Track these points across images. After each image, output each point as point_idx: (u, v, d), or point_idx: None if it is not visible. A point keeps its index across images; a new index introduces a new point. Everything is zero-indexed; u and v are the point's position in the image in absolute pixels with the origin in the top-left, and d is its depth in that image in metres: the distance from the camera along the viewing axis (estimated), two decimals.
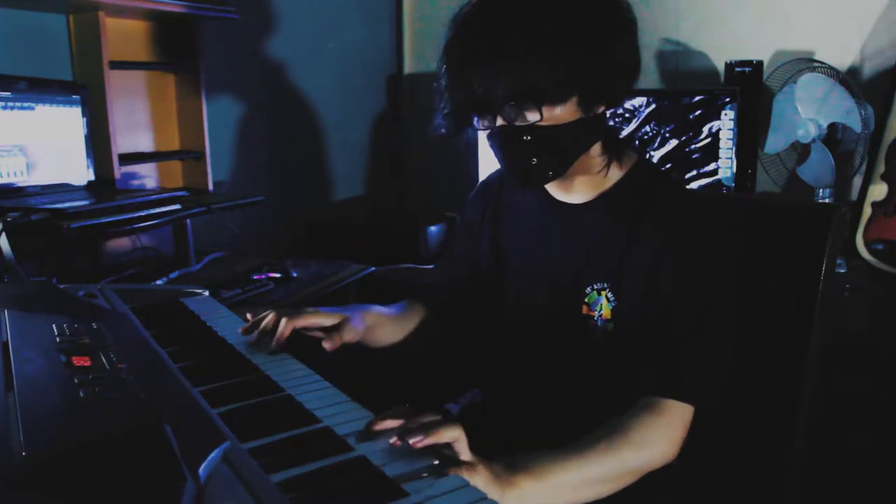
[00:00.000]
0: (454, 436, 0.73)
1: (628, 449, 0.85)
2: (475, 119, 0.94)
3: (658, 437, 0.88)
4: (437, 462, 0.69)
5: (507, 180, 1.08)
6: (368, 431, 0.73)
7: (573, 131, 0.92)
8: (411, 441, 0.70)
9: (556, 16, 0.87)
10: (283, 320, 0.99)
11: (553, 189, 1.05)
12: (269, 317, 1.00)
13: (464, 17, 0.92)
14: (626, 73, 0.94)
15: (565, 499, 0.82)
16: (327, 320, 1.02)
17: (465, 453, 0.74)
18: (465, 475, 0.69)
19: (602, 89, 0.92)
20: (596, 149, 0.99)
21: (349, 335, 1.02)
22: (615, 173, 1.01)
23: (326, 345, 0.98)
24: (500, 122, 0.91)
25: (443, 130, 0.97)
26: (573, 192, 1.03)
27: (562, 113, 0.90)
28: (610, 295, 0.98)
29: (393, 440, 0.71)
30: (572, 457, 0.82)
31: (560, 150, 0.93)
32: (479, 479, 0.72)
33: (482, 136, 0.97)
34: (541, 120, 0.89)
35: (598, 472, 0.83)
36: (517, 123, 0.90)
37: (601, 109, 0.94)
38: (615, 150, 1.01)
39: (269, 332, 0.99)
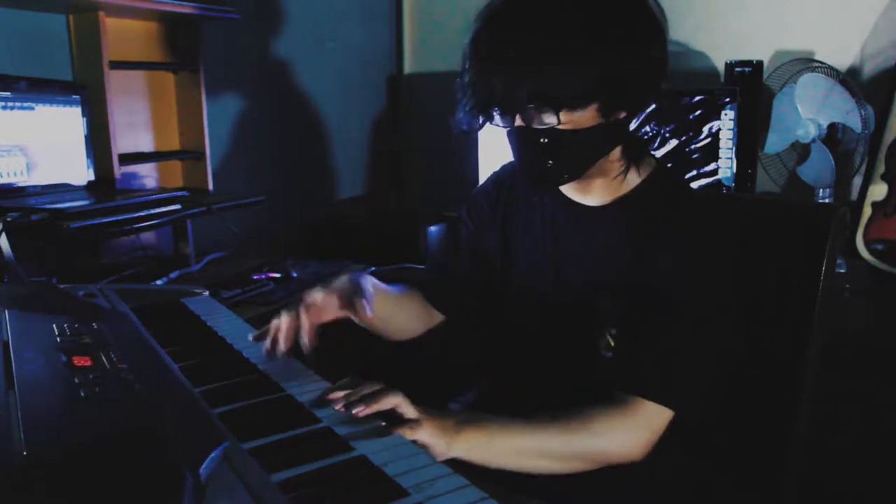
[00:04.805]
0: (395, 402, 0.79)
1: (583, 434, 0.88)
2: (495, 115, 0.93)
3: (620, 432, 0.89)
4: (384, 423, 0.77)
5: (521, 178, 1.07)
6: (322, 400, 0.81)
7: (592, 136, 0.91)
8: (354, 411, 0.77)
9: (582, 22, 0.86)
10: (305, 323, 0.95)
11: (568, 189, 1.04)
12: (283, 321, 0.97)
13: (490, 12, 0.90)
14: (651, 83, 0.93)
15: (507, 461, 0.86)
16: (339, 308, 1.00)
17: (409, 413, 0.80)
18: (409, 433, 0.76)
19: (624, 97, 0.91)
20: (616, 153, 0.98)
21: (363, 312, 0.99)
22: (633, 179, 1.00)
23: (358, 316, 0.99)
24: (518, 122, 0.91)
25: (464, 127, 0.96)
26: (590, 193, 1.02)
27: (581, 118, 0.89)
28: (615, 297, 0.98)
29: (338, 407, 0.78)
30: (525, 426, 0.87)
31: (577, 155, 0.93)
32: (424, 433, 0.78)
33: (482, 137, 0.97)
34: (559, 124, 0.88)
35: (545, 447, 0.87)
36: (535, 125, 0.90)
37: (622, 115, 0.93)
38: (635, 155, 0.99)
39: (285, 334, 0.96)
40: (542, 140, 0.90)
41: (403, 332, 1.14)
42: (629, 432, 0.89)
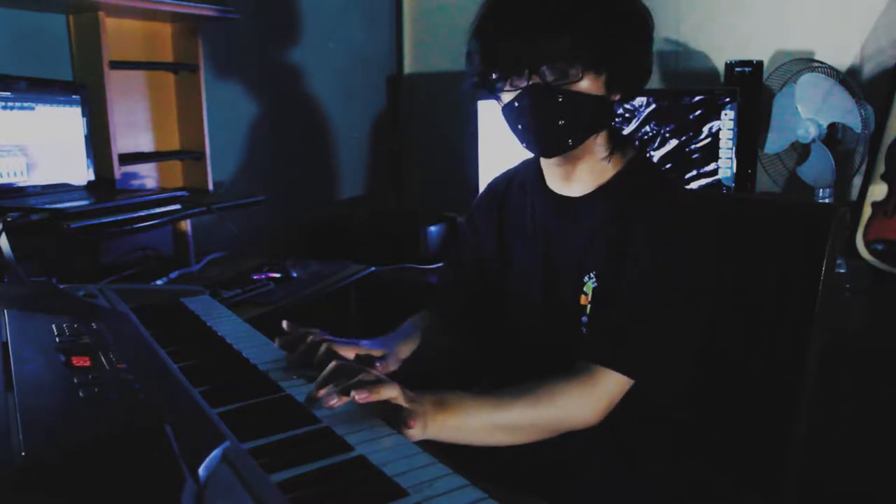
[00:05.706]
0: (393, 395, 0.79)
1: (549, 409, 0.91)
2: (500, 84, 0.98)
3: (581, 403, 0.92)
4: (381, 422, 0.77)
5: (527, 144, 1.05)
6: (314, 398, 0.79)
7: (596, 104, 0.97)
8: (358, 397, 0.76)
9: None
10: (324, 347, 0.97)
11: (554, 183, 1.07)
12: (311, 340, 0.98)
13: None
14: (644, 69, 1.01)
15: (476, 439, 0.88)
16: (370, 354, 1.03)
17: (403, 404, 0.80)
18: (406, 431, 0.77)
19: (628, 73, 0.98)
20: (602, 137, 1.03)
21: (394, 366, 1.05)
22: (614, 166, 1.04)
23: (378, 367, 1.00)
24: (533, 81, 0.95)
25: (475, 79, 1.01)
26: (573, 182, 1.05)
27: (589, 87, 0.95)
28: (595, 280, 1.00)
29: (332, 402, 0.77)
30: (492, 405, 0.89)
31: (583, 120, 0.97)
32: (417, 430, 0.79)
33: (482, 138, 0.98)
34: (581, 80, 0.94)
35: (513, 422, 0.89)
36: (555, 82, 0.94)
37: (617, 97, 1.00)
38: (618, 142, 1.05)
39: (307, 355, 0.97)
40: (559, 98, 0.95)
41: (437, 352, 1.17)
42: (590, 401, 0.92)
